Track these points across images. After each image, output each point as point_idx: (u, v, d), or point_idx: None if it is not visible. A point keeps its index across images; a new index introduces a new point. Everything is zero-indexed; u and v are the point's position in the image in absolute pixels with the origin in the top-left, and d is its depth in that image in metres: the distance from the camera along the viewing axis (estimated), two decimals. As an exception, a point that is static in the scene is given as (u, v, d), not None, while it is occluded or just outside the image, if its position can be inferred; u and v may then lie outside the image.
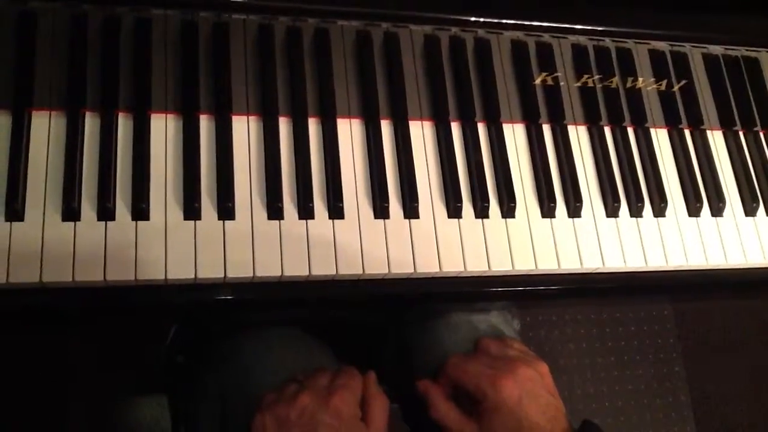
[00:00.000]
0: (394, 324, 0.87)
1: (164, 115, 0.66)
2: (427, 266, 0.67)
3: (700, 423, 1.58)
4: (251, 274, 0.63)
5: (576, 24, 0.73)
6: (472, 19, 0.70)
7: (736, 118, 0.82)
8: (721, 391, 1.61)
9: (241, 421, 0.64)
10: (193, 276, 0.62)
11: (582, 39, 0.77)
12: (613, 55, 0.79)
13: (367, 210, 0.68)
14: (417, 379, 0.73)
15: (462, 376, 0.69)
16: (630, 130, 0.78)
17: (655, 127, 0.79)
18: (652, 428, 1.56)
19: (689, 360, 1.61)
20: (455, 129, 0.73)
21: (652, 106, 0.80)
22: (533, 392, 0.66)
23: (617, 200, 0.74)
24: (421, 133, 0.72)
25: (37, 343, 1.10)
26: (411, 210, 0.68)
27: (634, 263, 0.72)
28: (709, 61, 0.83)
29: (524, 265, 0.69)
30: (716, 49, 0.82)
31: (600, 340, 1.58)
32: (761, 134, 0.83)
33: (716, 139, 0.81)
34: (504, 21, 0.72)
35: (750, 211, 0.78)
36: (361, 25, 0.72)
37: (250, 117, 0.68)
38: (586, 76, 0.77)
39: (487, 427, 0.66)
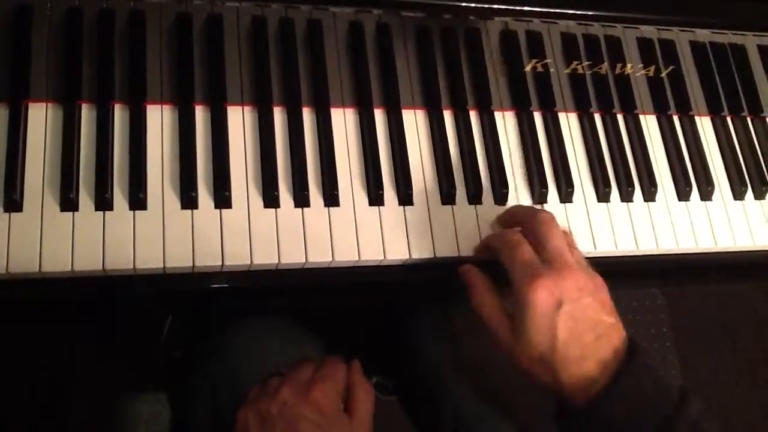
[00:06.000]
0: (391, 312, 0.88)
1: (160, 105, 0.67)
2: (422, 252, 0.68)
3: (695, 412, 1.59)
4: (248, 263, 0.64)
5: (565, 9, 0.74)
6: (463, 4, 0.72)
7: (724, 104, 0.84)
8: (715, 379, 1.63)
9: (231, 414, 0.64)
10: (191, 265, 0.62)
11: (571, 25, 0.78)
12: (602, 42, 0.81)
13: (362, 197, 0.69)
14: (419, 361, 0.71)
15: (507, 250, 0.61)
16: (620, 117, 0.79)
17: (644, 113, 0.81)
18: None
19: (683, 349, 1.62)
20: (447, 117, 0.74)
21: (641, 93, 0.81)
22: (580, 302, 0.57)
23: (608, 185, 0.75)
24: (414, 122, 0.73)
25: (36, 335, 1.10)
26: (405, 197, 0.69)
27: (625, 247, 0.73)
28: (697, 47, 0.84)
29: (517, 249, 0.70)
30: (703, 35, 0.84)
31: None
32: (748, 119, 0.84)
33: (704, 125, 0.82)
34: (494, 6, 0.73)
35: (738, 194, 0.79)
36: (353, 13, 0.73)
37: (245, 107, 0.69)
38: (575, 62, 0.78)
39: (518, 325, 0.58)
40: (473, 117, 0.75)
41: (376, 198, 0.68)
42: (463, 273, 0.65)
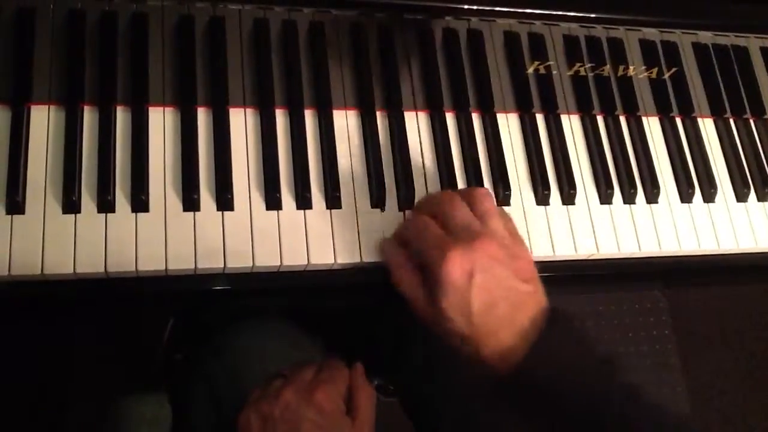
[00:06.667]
0: (391, 313, 0.88)
1: (162, 108, 0.67)
2: (424, 254, 0.68)
3: (696, 413, 1.59)
4: (250, 264, 0.64)
5: (567, 11, 0.74)
6: (465, 6, 0.72)
7: (726, 105, 0.84)
8: (716, 381, 1.63)
9: (232, 416, 0.64)
10: (192, 267, 0.62)
11: (573, 27, 0.78)
12: (604, 44, 0.81)
13: (363, 200, 0.69)
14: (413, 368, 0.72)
15: (416, 234, 0.61)
16: (622, 119, 0.79)
17: (646, 115, 0.81)
18: (649, 419, 1.57)
19: (684, 351, 1.62)
20: (450, 119, 0.74)
21: (644, 95, 0.81)
22: (492, 271, 0.57)
23: (610, 187, 0.75)
24: (416, 124, 0.73)
25: (38, 336, 1.10)
26: (406, 199, 0.69)
27: (628, 249, 0.73)
28: (699, 49, 0.84)
29: (520, 251, 0.70)
30: (706, 37, 0.84)
31: (595, 332, 1.59)
32: (751, 121, 0.84)
33: (707, 127, 0.82)
34: (497, 9, 0.73)
35: (741, 196, 0.79)
36: (355, 16, 0.73)
37: (247, 109, 0.69)
38: (578, 64, 0.78)
39: (436, 300, 0.58)
40: (475, 119, 0.75)
41: (377, 200, 0.68)
42: (381, 251, 0.65)
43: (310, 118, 0.70)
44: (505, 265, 0.58)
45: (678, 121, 0.81)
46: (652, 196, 0.76)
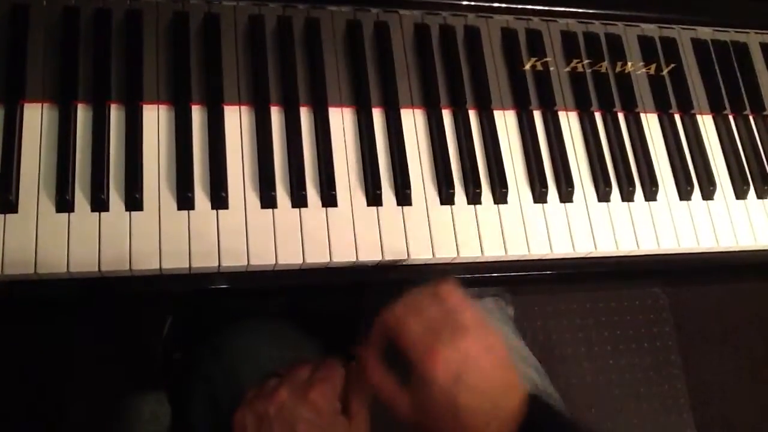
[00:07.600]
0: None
1: (156, 106, 0.66)
2: (421, 252, 0.67)
3: (697, 411, 1.59)
4: (245, 263, 0.63)
5: (566, 7, 0.74)
6: (463, 3, 0.71)
7: (726, 102, 0.83)
8: (717, 379, 1.62)
9: (229, 415, 0.64)
10: (187, 266, 0.62)
11: (571, 23, 0.78)
12: (602, 40, 0.80)
13: (359, 197, 0.68)
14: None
15: (399, 332, 0.58)
16: (620, 116, 0.79)
17: (645, 112, 0.80)
18: (649, 417, 1.57)
19: (685, 348, 1.62)
20: (446, 116, 0.73)
21: (642, 91, 0.80)
22: (477, 369, 0.57)
23: (608, 185, 0.74)
24: (413, 121, 0.72)
25: (36, 336, 1.10)
26: (404, 197, 0.69)
27: (626, 247, 0.73)
28: (698, 45, 0.84)
29: (517, 250, 0.70)
30: (705, 33, 0.83)
31: (596, 329, 1.58)
32: (750, 118, 0.84)
33: (706, 123, 0.82)
34: (494, 5, 0.72)
35: (740, 193, 0.79)
36: (351, 12, 0.72)
37: (242, 107, 0.68)
38: (575, 61, 0.78)
39: (418, 401, 0.57)
40: (472, 116, 0.74)
41: (373, 198, 0.68)
42: (356, 354, 0.64)
43: (305, 115, 0.70)
44: (486, 360, 0.57)
45: (677, 117, 0.81)
46: (650, 194, 0.75)
